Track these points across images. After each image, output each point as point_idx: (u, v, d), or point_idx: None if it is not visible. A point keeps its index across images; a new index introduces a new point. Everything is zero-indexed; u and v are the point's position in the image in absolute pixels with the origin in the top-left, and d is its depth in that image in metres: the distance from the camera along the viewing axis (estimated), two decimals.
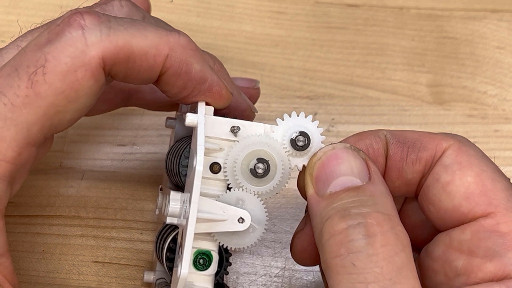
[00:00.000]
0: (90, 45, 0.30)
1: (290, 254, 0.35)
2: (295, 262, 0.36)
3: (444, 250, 0.31)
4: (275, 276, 0.42)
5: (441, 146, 0.32)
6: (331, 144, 0.32)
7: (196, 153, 0.31)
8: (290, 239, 0.35)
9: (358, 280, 0.28)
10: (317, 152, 0.32)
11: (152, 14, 0.49)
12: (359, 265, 0.28)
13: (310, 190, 0.31)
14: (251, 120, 0.38)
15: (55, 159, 0.44)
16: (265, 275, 0.42)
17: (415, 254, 0.35)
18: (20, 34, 0.35)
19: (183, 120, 0.36)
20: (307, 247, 0.34)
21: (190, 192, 0.31)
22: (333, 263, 0.29)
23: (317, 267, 0.41)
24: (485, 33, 0.51)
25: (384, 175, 0.33)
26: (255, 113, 0.39)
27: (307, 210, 0.34)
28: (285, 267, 0.42)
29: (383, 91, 0.49)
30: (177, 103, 0.39)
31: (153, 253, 0.41)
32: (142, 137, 0.46)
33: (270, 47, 0.50)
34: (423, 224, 0.35)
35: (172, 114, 0.42)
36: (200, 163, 0.30)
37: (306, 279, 0.41)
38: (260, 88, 0.42)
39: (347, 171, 0.31)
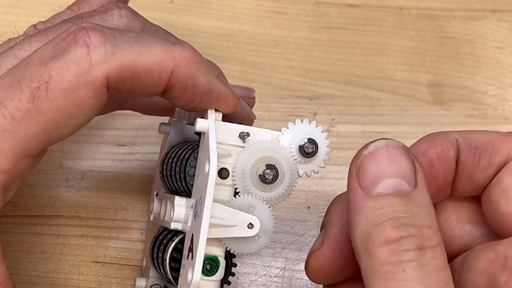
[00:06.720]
0: (95, 64, 0.30)
1: (290, 254, 0.35)
2: (295, 262, 0.36)
3: (488, 264, 0.31)
4: (275, 276, 0.42)
5: None
6: (384, 138, 0.31)
7: (209, 159, 0.31)
8: (290, 239, 0.35)
9: (406, 286, 0.28)
10: (368, 144, 0.31)
11: (152, 14, 0.50)
12: (410, 272, 0.28)
13: (354, 182, 0.30)
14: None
15: (55, 159, 0.44)
16: (265, 275, 0.42)
17: None
18: (14, 36, 0.35)
19: (178, 126, 0.36)
20: (324, 267, 0.33)
21: (203, 197, 0.31)
22: (382, 269, 0.28)
23: None
24: (485, 33, 0.51)
25: (454, 180, 0.33)
26: (254, 120, 0.39)
27: (323, 227, 0.34)
28: (285, 267, 0.42)
29: (383, 91, 0.49)
30: (173, 109, 0.39)
31: (143, 260, 0.40)
32: (142, 137, 0.46)
33: (270, 47, 0.50)
34: (461, 235, 0.34)
35: (166, 119, 0.42)
36: (213, 168, 0.30)
37: (306, 279, 0.41)
38: (255, 98, 0.42)
39: (396, 172, 0.30)
